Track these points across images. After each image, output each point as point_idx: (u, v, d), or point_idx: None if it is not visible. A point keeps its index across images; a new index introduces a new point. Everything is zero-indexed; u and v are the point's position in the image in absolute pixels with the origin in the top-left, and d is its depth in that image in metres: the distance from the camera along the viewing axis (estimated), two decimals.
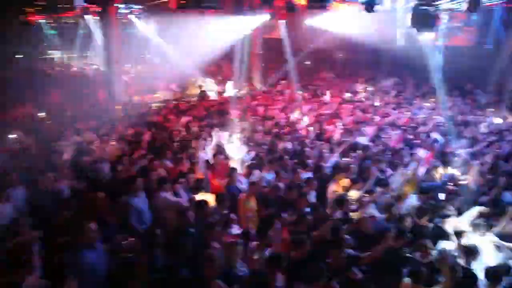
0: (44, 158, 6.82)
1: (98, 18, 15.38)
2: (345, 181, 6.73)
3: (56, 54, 21.18)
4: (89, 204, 5.48)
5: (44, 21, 19.33)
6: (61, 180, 6.13)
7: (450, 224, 5.42)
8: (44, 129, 8.65)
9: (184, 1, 11.09)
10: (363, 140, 9.18)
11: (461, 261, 4.63)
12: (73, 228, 4.66)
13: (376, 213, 5.79)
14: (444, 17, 13.43)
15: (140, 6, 16.59)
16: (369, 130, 9.98)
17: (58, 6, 17.76)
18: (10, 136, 8.05)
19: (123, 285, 4.28)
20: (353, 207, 6.05)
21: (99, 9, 13.87)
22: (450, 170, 7.36)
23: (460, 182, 6.95)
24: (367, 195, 6.18)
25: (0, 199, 5.35)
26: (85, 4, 17.01)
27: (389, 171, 7.39)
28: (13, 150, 7.39)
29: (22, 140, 8.12)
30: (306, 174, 7.07)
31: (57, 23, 19.82)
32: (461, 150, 8.26)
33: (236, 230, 5.38)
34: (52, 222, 5.11)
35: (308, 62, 20.18)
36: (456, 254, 4.74)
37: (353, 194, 6.35)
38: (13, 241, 4.41)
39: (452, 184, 6.82)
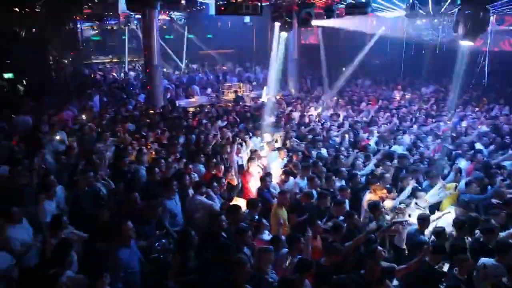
0: (85, 158, 7.11)
1: (140, 24, 15.97)
2: (384, 191, 6.54)
3: (100, 59, 22.28)
4: (126, 204, 5.66)
5: (89, 28, 20.43)
6: (99, 180, 6.36)
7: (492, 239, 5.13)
8: (85, 131, 9.01)
9: (224, 8, 11.29)
10: (399, 149, 8.92)
11: (505, 279, 4.36)
12: (110, 226, 4.82)
13: (411, 225, 5.58)
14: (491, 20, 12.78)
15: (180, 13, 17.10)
16: (406, 138, 9.68)
17: (104, 13, 18.73)
18: (56, 137, 8.48)
19: (155, 284, 4.38)
20: (388, 217, 5.88)
21: (140, 16, 14.43)
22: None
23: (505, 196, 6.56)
24: (402, 205, 5.98)
25: (44, 196, 5.59)
26: (128, 12, 17.83)
27: (426, 182, 7.12)
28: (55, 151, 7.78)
29: (65, 141, 8.52)
30: (340, 182, 6.96)
31: (102, 30, 20.84)
32: (506, 162, 7.83)
33: (267, 236, 5.36)
34: (90, 220, 5.30)
35: (344, 68, 19.93)
36: (499, 271, 4.48)
37: (388, 204, 6.18)
38: (59, 238, 4.61)
39: (496, 197, 6.46)
